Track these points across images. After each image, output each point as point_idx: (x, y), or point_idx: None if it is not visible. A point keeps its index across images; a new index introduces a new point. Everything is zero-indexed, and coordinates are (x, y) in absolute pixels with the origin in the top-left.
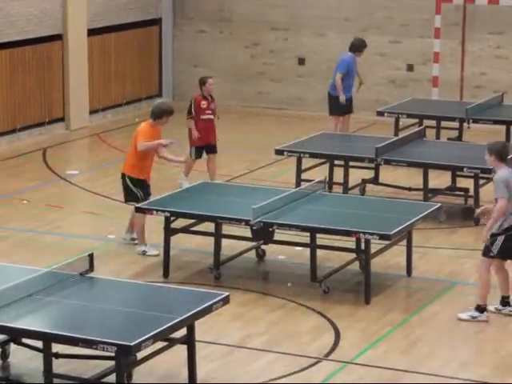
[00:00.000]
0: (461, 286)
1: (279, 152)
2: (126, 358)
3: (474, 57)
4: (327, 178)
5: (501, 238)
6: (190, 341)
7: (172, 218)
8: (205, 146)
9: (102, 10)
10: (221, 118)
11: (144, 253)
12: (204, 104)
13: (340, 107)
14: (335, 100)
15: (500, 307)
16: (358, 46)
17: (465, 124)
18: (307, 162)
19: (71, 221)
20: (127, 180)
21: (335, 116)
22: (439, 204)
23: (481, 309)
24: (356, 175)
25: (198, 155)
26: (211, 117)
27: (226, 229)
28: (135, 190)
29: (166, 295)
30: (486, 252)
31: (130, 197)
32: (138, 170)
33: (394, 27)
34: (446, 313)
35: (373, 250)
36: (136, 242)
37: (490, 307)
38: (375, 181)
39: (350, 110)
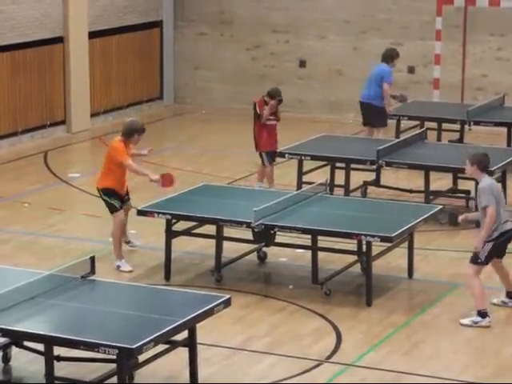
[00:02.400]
0: (462, 288)
1: (280, 154)
2: (127, 361)
3: (475, 59)
4: (328, 181)
5: (489, 245)
6: (191, 343)
7: (173, 221)
8: (272, 152)
9: (103, 13)
10: (222, 120)
11: (118, 267)
12: (266, 109)
13: (386, 118)
14: (381, 111)
15: (506, 300)
16: (389, 57)
17: (466, 126)
18: (308, 165)
19: (73, 224)
20: (101, 194)
21: (379, 128)
22: (440, 206)
23: (482, 313)
24: (357, 177)
25: (272, 159)
26: (274, 122)
27: (228, 231)
28: (110, 200)
29: (167, 298)
30: (474, 259)
31: (111, 209)
32: (108, 181)
33: (394, 29)
34: (448, 315)
35: (374, 252)
36: (131, 245)
37: (495, 300)
38: (376, 183)
39: None
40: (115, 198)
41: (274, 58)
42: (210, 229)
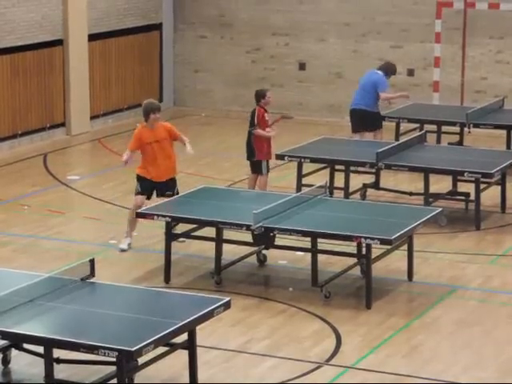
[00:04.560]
0: (462, 290)
1: (280, 157)
2: (127, 363)
3: (475, 61)
4: (328, 183)
5: None
6: (191, 346)
7: (173, 224)
8: (268, 160)
9: (103, 15)
10: (222, 123)
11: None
12: (267, 117)
13: (381, 120)
14: (376, 115)
15: None
16: (391, 71)
17: (465, 129)
18: (308, 167)
19: (72, 226)
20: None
21: (379, 130)
22: (440, 209)
23: None
24: (357, 180)
25: (269, 169)
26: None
27: (227, 234)
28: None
29: (167, 300)
30: None
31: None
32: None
33: (394, 32)
34: (448, 317)
35: (374, 254)
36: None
37: None
38: (376, 186)
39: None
40: (140, 183)
41: (273, 60)
42: (210, 231)
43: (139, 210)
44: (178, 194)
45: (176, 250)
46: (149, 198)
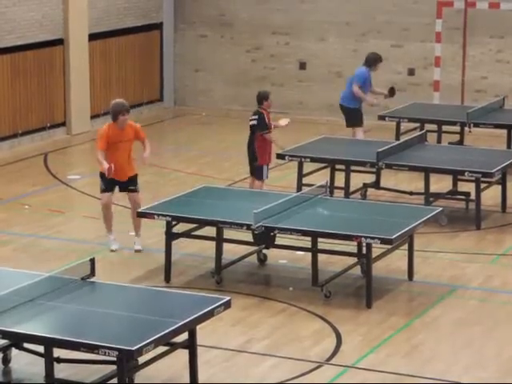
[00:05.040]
0: (462, 290)
1: (280, 156)
2: (127, 363)
3: (475, 61)
4: (328, 183)
5: None
6: (191, 345)
7: (173, 223)
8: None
9: (104, 15)
10: (222, 122)
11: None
12: (270, 119)
13: (358, 117)
14: (353, 111)
15: None
16: (373, 60)
17: (466, 128)
18: (308, 167)
19: (72, 225)
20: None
21: (355, 128)
22: (440, 208)
23: None
24: (357, 179)
25: (268, 175)
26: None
27: (228, 233)
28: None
29: (167, 300)
30: None
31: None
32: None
33: (394, 31)
34: (448, 317)
35: (374, 254)
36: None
37: None
38: (376, 185)
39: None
40: (103, 180)
41: (274, 59)
42: (210, 231)
43: (139, 210)
44: (138, 191)
45: (176, 250)
46: (112, 191)
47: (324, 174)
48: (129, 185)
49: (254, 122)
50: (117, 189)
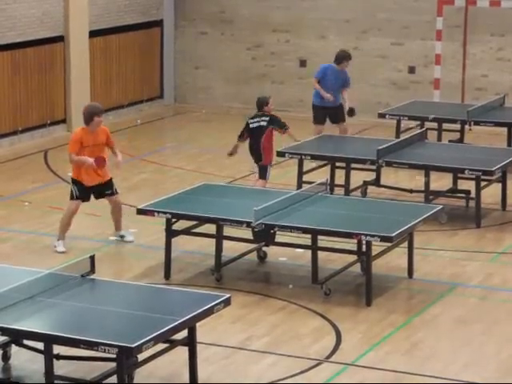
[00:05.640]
0: (462, 287)
1: (281, 154)
2: (127, 360)
3: (476, 59)
4: (328, 180)
5: None
6: (191, 343)
7: (173, 220)
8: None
9: (104, 12)
10: (222, 119)
11: (54, 247)
12: None
13: (315, 115)
14: (312, 108)
15: None
16: (340, 57)
17: (466, 126)
18: (308, 164)
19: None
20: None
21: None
22: (441, 206)
23: None
24: (357, 177)
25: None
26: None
27: (228, 231)
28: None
29: (167, 297)
30: None
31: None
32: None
33: (395, 29)
34: (448, 315)
35: (374, 251)
36: (125, 239)
37: None
38: (377, 183)
39: (338, 118)
40: (77, 187)
41: (274, 57)
42: (210, 228)
43: (140, 207)
44: (116, 192)
45: (176, 247)
46: (87, 200)
47: (324, 171)
48: (104, 190)
49: (264, 124)
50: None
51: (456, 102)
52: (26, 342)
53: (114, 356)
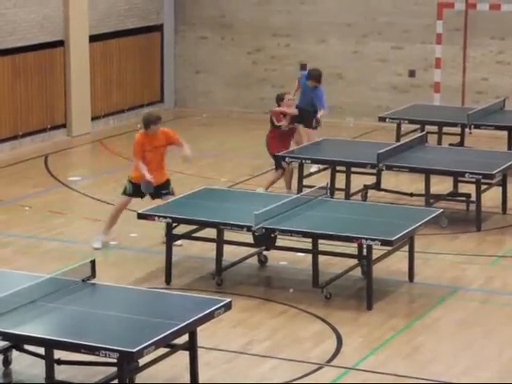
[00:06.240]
0: (463, 291)
1: (281, 158)
2: (128, 365)
3: (476, 62)
4: (329, 184)
5: None
6: (191, 347)
7: (174, 224)
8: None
9: (104, 17)
10: (222, 123)
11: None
12: (282, 120)
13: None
14: None
15: None
16: (309, 76)
17: (466, 129)
18: (309, 168)
19: (73, 227)
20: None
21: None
22: (441, 210)
23: None
24: (358, 181)
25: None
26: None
27: (228, 235)
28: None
29: (167, 301)
30: None
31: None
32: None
33: (395, 33)
34: (449, 318)
35: (375, 255)
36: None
37: None
38: (377, 186)
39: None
40: (133, 186)
41: (274, 61)
42: (211, 232)
43: (140, 211)
44: (173, 193)
45: (177, 252)
46: (139, 197)
47: (324, 175)
48: (161, 190)
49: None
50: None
51: (456, 106)
52: (26, 346)
53: (115, 361)
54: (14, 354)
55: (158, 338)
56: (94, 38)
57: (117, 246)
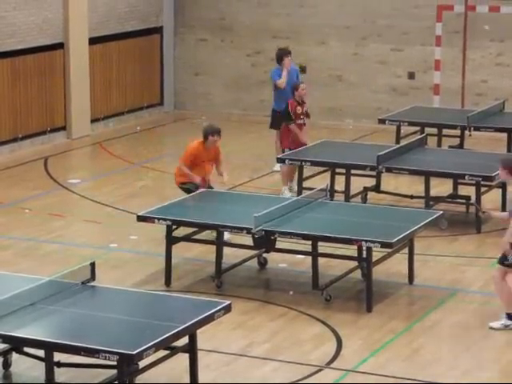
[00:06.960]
0: (462, 293)
1: (281, 160)
2: (127, 367)
3: (475, 64)
4: (329, 186)
5: None
6: (191, 349)
7: (173, 227)
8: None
9: (104, 19)
10: (222, 126)
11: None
12: (299, 109)
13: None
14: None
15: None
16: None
17: (466, 132)
18: (309, 170)
19: (73, 230)
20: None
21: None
22: (441, 212)
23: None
24: (358, 183)
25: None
26: (303, 121)
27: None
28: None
29: (167, 304)
30: (502, 260)
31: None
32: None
33: (395, 35)
34: (448, 320)
35: (374, 257)
36: None
37: (495, 324)
38: (377, 189)
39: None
40: (187, 185)
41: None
42: (211, 235)
43: (140, 214)
44: None
45: (177, 254)
46: None
47: (324, 177)
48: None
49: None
50: None
51: (456, 108)
52: (26, 349)
53: (115, 363)
54: (14, 356)
55: (158, 340)
56: (93, 41)
57: (116, 248)
